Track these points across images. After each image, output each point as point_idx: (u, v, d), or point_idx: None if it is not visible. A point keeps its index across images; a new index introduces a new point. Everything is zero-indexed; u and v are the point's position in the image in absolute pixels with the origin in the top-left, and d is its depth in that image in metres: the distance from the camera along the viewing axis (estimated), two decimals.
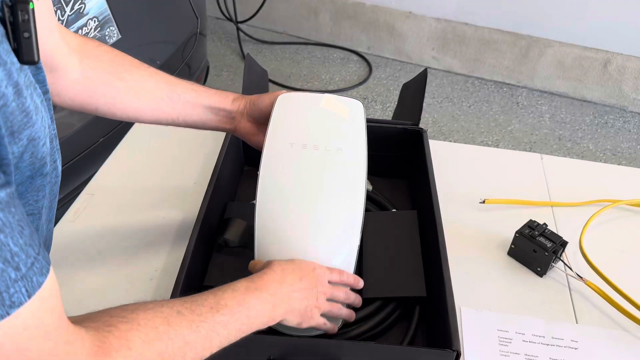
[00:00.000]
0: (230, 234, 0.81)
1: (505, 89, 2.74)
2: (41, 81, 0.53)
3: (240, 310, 0.58)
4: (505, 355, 0.75)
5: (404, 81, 1.13)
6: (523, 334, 0.78)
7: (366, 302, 0.77)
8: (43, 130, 0.47)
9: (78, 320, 0.48)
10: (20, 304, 0.38)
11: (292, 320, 0.64)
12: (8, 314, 0.38)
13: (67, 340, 0.43)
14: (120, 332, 0.47)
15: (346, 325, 0.74)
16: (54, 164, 0.56)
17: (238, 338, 0.58)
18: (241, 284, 0.60)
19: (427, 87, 0.97)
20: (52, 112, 0.57)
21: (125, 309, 0.51)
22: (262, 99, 0.78)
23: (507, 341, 0.77)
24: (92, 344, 0.45)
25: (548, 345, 0.77)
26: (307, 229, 0.70)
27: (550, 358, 0.75)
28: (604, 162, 2.26)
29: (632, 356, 0.76)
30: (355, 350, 0.66)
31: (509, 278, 0.87)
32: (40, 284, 0.40)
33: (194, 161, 1.07)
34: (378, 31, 2.91)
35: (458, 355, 0.63)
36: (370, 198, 0.96)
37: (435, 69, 2.88)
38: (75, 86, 0.71)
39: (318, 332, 0.70)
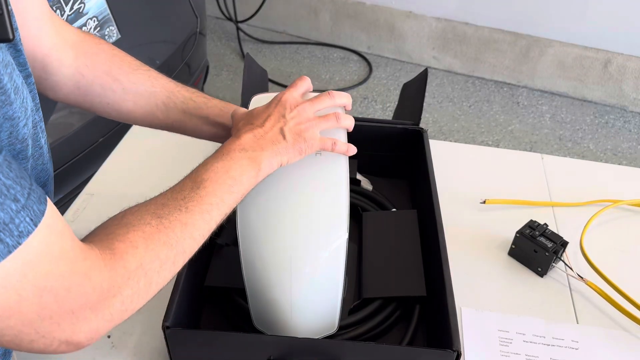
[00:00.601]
0: (228, 236, 0.81)
1: (505, 89, 2.74)
2: (22, 64, 0.53)
3: (220, 176, 0.58)
4: (506, 356, 0.75)
5: (404, 81, 1.12)
6: (523, 334, 0.78)
7: (366, 302, 0.77)
8: (23, 111, 0.47)
9: (86, 239, 0.50)
10: (29, 232, 0.40)
11: (291, 156, 0.63)
12: (19, 243, 0.39)
13: (85, 257, 0.45)
14: (121, 236, 0.49)
15: (346, 326, 0.73)
16: (40, 150, 0.56)
17: (237, 200, 0.59)
18: (208, 159, 0.60)
19: (427, 86, 0.97)
20: (38, 99, 0.57)
21: (115, 217, 0.53)
22: None
23: (507, 341, 0.77)
24: (105, 253, 0.47)
25: (549, 345, 0.77)
26: (290, 229, 0.67)
27: (550, 358, 0.75)
28: (605, 162, 2.26)
29: (632, 356, 0.76)
30: (355, 351, 0.66)
31: (509, 278, 0.87)
32: (42, 212, 0.42)
33: (194, 161, 1.06)
34: (378, 31, 2.91)
35: (458, 355, 0.63)
36: (370, 198, 0.96)
37: (435, 68, 2.87)
38: (68, 82, 0.70)
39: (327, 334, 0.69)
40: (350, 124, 0.69)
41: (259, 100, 0.73)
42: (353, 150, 0.69)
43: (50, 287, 0.42)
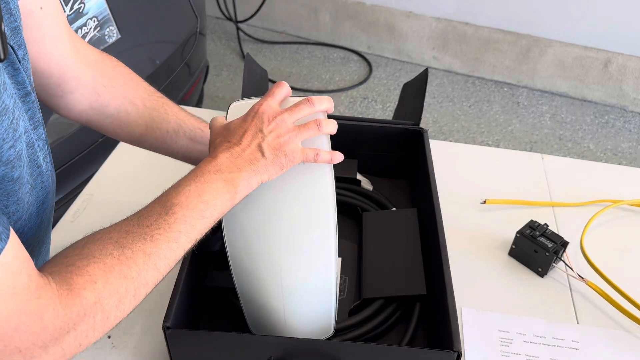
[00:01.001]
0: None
1: (505, 89, 2.74)
2: (20, 82, 0.52)
3: (191, 201, 0.54)
4: (506, 356, 0.75)
5: (404, 81, 1.12)
6: (524, 334, 0.78)
7: (366, 302, 0.77)
8: (11, 132, 0.47)
9: (44, 270, 0.48)
10: None
11: (272, 173, 0.59)
12: None
13: (39, 295, 0.44)
14: (80, 269, 0.47)
15: (347, 327, 0.73)
16: (39, 169, 0.56)
17: (209, 225, 0.55)
18: (181, 181, 0.57)
19: (427, 86, 0.97)
20: (39, 116, 0.56)
21: (76, 246, 0.51)
22: None
23: (508, 341, 0.77)
24: (61, 289, 0.46)
25: (549, 345, 0.77)
26: (278, 235, 0.65)
27: (551, 358, 0.75)
28: (605, 162, 2.26)
29: (633, 356, 0.76)
30: (355, 351, 0.66)
31: (509, 278, 0.87)
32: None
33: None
34: (378, 31, 2.90)
35: (459, 355, 0.62)
36: (370, 198, 0.96)
37: (435, 68, 2.87)
38: (84, 101, 0.70)
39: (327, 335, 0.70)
40: (332, 129, 0.64)
41: (237, 109, 0.67)
42: (338, 157, 0.63)
43: None
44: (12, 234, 0.43)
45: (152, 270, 0.51)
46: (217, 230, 0.82)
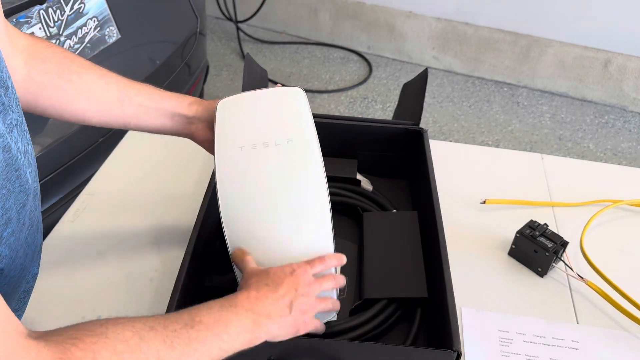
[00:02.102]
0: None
1: (505, 89, 2.74)
2: None
3: (217, 327, 0.55)
4: (506, 356, 0.75)
5: (404, 81, 1.12)
6: (524, 334, 0.78)
7: (367, 304, 0.77)
8: None
9: (42, 335, 0.47)
10: None
11: (286, 332, 0.62)
12: None
13: (18, 355, 0.42)
14: (85, 345, 0.46)
15: (347, 329, 0.73)
16: (17, 172, 0.54)
17: (221, 358, 0.56)
18: (215, 303, 0.58)
19: (427, 86, 0.97)
20: (16, 118, 0.55)
21: (94, 323, 0.49)
22: (214, 105, 0.73)
23: (507, 341, 0.77)
24: (53, 356, 0.44)
25: (549, 345, 0.77)
26: (276, 226, 0.69)
27: (551, 358, 0.75)
28: (605, 162, 2.26)
29: (633, 356, 0.76)
30: (355, 351, 0.66)
31: (509, 278, 0.87)
32: None
33: (194, 161, 1.07)
34: (378, 31, 2.90)
35: (459, 355, 0.63)
36: (370, 198, 0.96)
37: (435, 68, 2.87)
38: (19, 87, 0.68)
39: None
40: (343, 282, 0.71)
41: (226, 106, 0.71)
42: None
43: None
44: None
45: None
46: (217, 233, 0.83)
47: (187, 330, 0.53)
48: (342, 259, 0.70)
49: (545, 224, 0.88)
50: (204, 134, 0.76)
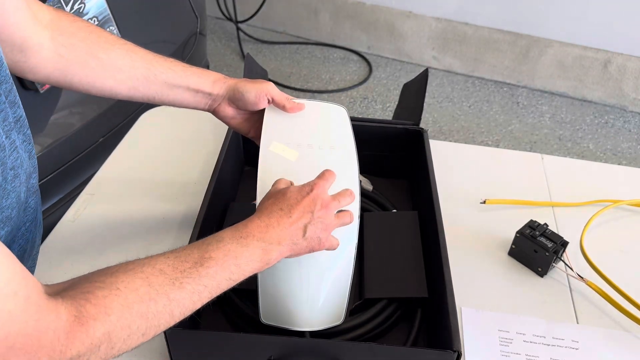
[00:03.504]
0: None
1: (505, 89, 2.74)
2: None
3: (227, 260, 0.56)
4: (506, 356, 0.75)
5: (404, 81, 1.13)
6: (524, 334, 0.78)
7: (367, 303, 0.77)
8: None
9: (58, 289, 0.48)
10: None
11: (299, 253, 0.63)
12: None
13: (37, 318, 0.44)
14: (97, 299, 0.47)
15: (347, 329, 0.74)
16: (13, 171, 0.55)
17: (230, 287, 0.57)
18: (226, 234, 0.59)
19: (427, 87, 0.97)
20: (8, 115, 0.55)
21: (106, 272, 0.50)
22: (248, 91, 0.78)
23: (507, 341, 0.77)
24: (69, 314, 0.45)
25: (549, 345, 0.77)
26: None
27: (551, 358, 0.75)
28: (605, 162, 2.26)
29: (633, 356, 0.76)
30: (355, 351, 0.66)
31: (509, 278, 0.87)
32: None
33: (195, 161, 1.07)
34: (378, 31, 2.90)
35: (459, 355, 0.63)
36: (370, 198, 0.96)
37: (435, 68, 2.87)
38: (47, 64, 0.70)
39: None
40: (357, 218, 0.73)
41: (275, 107, 0.78)
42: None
43: None
44: (5, 255, 0.43)
45: (167, 315, 0.52)
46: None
47: (196, 269, 0.54)
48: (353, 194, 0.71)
49: (545, 224, 0.88)
50: (224, 111, 0.80)
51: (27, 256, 0.66)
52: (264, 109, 0.79)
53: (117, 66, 0.73)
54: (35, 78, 0.71)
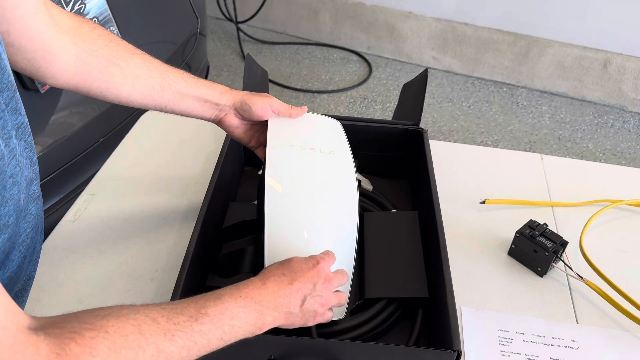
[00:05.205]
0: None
1: (505, 89, 2.75)
2: None
3: (221, 319, 0.56)
4: (506, 355, 0.75)
5: (404, 81, 1.13)
6: (523, 333, 0.78)
7: (367, 303, 0.77)
8: None
9: (45, 325, 0.47)
10: None
11: (294, 322, 0.63)
12: None
13: (16, 351, 0.42)
14: (84, 340, 0.45)
15: (347, 328, 0.74)
16: (12, 179, 0.54)
17: (220, 347, 0.56)
18: (225, 292, 0.58)
19: (427, 87, 0.97)
20: (7, 120, 0.55)
21: (97, 314, 0.49)
22: (254, 103, 0.81)
23: (507, 341, 0.77)
24: (50, 351, 0.44)
25: (548, 345, 0.77)
26: (310, 217, 0.74)
27: (550, 358, 0.75)
28: (604, 162, 2.26)
29: (632, 356, 0.76)
30: (356, 351, 0.66)
31: (509, 278, 0.87)
32: None
33: (195, 162, 1.07)
34: (378, 31, 2.91)
35: (459, 355, 0.63)
36: (370, 198, 0.96)
37: (435, 69, 2.88)
38: (69, 69, 0.71)
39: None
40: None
41: (278, 119, 0.83)
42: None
43: None
44: None
45: None
46: (220, 239, 0.83)
47: (190, 324, 0.53)
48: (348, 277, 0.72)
49: (544, 223, 0.88)
50: (230, 121, 0.83)
51: (27, 262, 0.66)
52: (267, 120, 0.83)
53: (135, 74, 0.75)
54: (56, 83, 0.72)
